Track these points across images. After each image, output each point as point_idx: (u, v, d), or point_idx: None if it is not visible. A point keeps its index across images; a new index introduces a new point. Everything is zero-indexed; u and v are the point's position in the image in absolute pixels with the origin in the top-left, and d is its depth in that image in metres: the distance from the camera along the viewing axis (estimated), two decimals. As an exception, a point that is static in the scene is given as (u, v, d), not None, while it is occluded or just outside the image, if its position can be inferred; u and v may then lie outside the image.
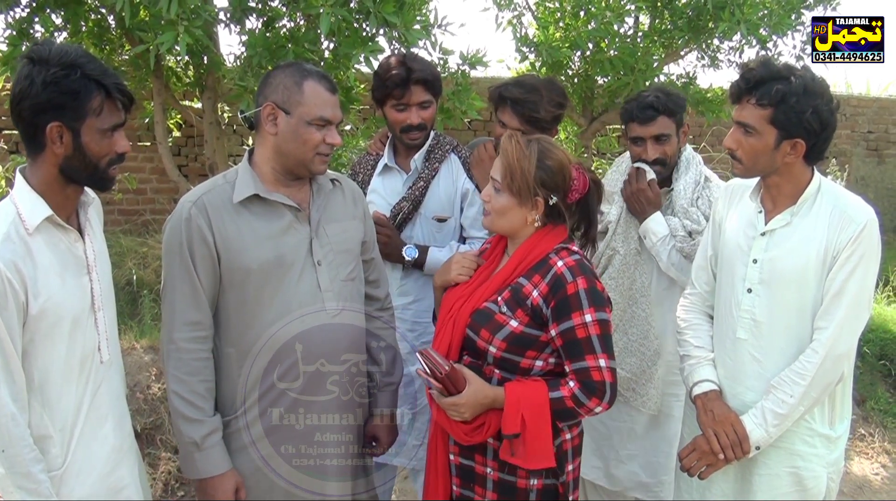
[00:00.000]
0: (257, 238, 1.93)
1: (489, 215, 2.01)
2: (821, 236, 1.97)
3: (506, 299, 1.94)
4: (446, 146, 2.63)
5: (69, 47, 1.65)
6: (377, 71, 2.55)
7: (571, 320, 1.87)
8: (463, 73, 3.72)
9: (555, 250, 1.96)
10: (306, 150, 1.93)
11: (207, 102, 4.03)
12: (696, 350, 2.21)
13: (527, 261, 1.96)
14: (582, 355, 1.87)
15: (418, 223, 2.59)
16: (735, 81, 2.03)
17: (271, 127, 1.93)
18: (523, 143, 1.94)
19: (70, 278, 1.71)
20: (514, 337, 1.91)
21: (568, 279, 1.88)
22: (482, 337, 1.94)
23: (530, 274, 1.95)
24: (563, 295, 1.88)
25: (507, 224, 1.99)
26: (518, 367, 1.94)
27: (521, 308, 1.92)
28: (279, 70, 1.96)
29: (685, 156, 2.62)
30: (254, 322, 1.93)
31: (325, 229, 2.03)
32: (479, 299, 1.99)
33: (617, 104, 4.70)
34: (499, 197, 1.96)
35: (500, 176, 1.95)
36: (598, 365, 1.87)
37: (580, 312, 1.86)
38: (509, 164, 1.92)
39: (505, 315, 1.92)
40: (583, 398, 1.87)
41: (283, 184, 1.99)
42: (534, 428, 1.86)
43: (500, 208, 1.96)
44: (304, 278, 1.97)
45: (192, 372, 1.90)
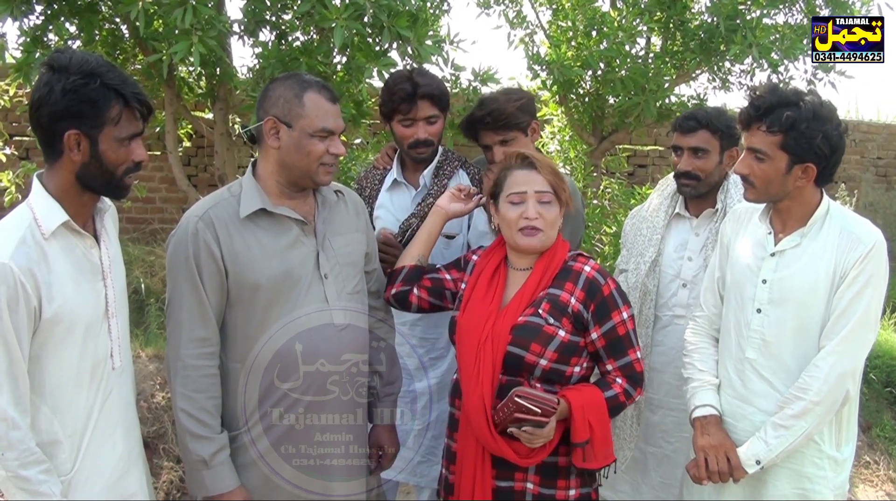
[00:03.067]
0: (266, 253, 1.92)
1: (539, 234, 2.00)
2: (829, 257, 1.99)
3: (548, 311, 1.96)
4: (455, 162, 2.63)
5: (89, 56, 1.65)
6: (385, 86, 2.55)
7: (612, 319, 1.98)
8: (475, 89, 3.74)
9: (571, 257, 2.05)
10: (310, 161, 1.93)
11: (219, 113, 4.05)
12: (701, 374, 2.22)
13: (550, 271, 2.02)
14: (625, 350, 2.00)
15: None
16: (744, 107, 2.04)
17: (274, 141, 1.93)
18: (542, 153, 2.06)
19: (85, 283, 1.71)
20: (564, 347, 1.95)
21: (601, 282, 1.99)
22: (532, 351, 1.94)
23: (559, 283, 2.00)
24: (602, 297, 1.97)
25: (555, 235, 2.05)
26: (563, 376, 1.98)
27: (566, 317, 1.96)
28: (278, 83, 1.96)
29: (732, 180, 2.56)
30: (261, 337, 1.92)
31: (330, 242, 2.03)
32: (513, 314, 1.99)
33: (627, 124, 4.71)
34: (551, 209, 2.01)
35: (549, 187, 2.00)
36: (637, 357, 2.03)
37: (618, 310, 1.98)
38: (557, 173, 2.02)
39: (553, 326, 1.95)
40: (631, 390, 2.01)
41: (287, 197, 1.99)
42: (600, 430, 1.94)
43: (554, 218, 2.02)
44: (311, 292, 1.97)
45: (200, 389, 1.88)
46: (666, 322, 2.62)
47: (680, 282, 2.60)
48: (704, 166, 2.52)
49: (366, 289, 2.17)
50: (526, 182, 2.00)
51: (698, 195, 2.57)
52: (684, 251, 2.60)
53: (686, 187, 2.56)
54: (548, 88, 4.61)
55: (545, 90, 4.67)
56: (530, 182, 2.00)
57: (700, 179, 2.53)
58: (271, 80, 2.06)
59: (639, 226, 2.75)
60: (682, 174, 2.55)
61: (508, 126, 2.51)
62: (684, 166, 2.54)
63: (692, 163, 2.53)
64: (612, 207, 4.91)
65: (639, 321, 2.60)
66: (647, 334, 2.62)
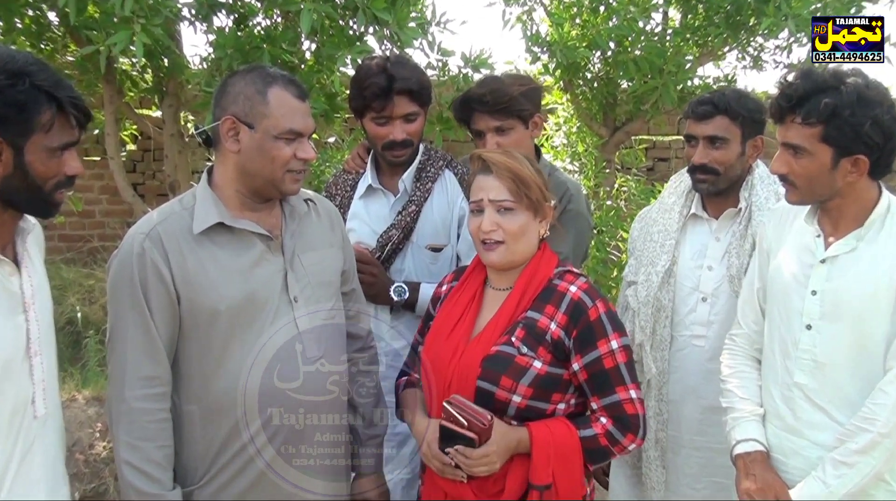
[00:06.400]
0: (224, 274, 1.90)
1: (500, 247, 2.00)
2: (892, 262, 1.97)
3: (522, 338, 1.95)
4: (439, 162, 2.63)
5: (17, 53, 1.64)
6: (355, 78, 2.55)
7: (597, 349, 1.93)
8: (465, 76, 3.74)
9: (557, 274, 2.03)
10: (275, 168, 1.92)
11: (168, 110, 4.04)
12: (742, 403, 2.20)
13: (530, 291, 2.00)
14: (612, 387, 1.94)
15: (410, 254, 2.58)
16: (774, 98, 2.04)
17: (233, 144, 1.92)
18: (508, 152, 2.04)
19: (1, 317, 1.68)
20: (540, 380, 1.93)
21: (588, 305, 1.95)
22: (503, 386, 1.92)
23: (539, 306, 1.99)
24: (586, 323, 1.94)
25: (526, 248, 2.02)
26: (543, 415, 1.96)
27: (542, 346, 1.94)
28: (238, 77, 1.95)
29: (758, 173, 2.55)
30: (220, 373, 1.90)
31: (300, 260, 2.02)
32: (485, 343, 1.98)
33: (643, 112, 4.72)
34: (514, 218, 1.98)
35: (508, 194, 1.98)
36: (630, 397, 1.95)
37: (605, 339, 1.94)
38: (518, 175, 1.98)
39: (527, 356, 1.93)
40: (617, 435, 1.94)
41: (249, 208, 1.98)
42: (566, 476, 1.90)
43: (517, 229, 1.98)
44: (279, 319, 1.95)
45: (148, 437, 1.86)
46: (683, 344, 2.59)
47: (699, 296, 2.57)
48: (723, 158, 2.49)
49: (342, 314, 2.16)
50: (481, 189, 2.01)
51: (717, 193, 2.55)
52: (703, 259, 2.58)
53: (702, 184, 2.53)
54: (550, 73, 4.63)
55: (547, 75, 4.68)
56: (485, 189, 2.00)
57: (718, 174, 2.50)
58: (230, 73, 2.07)
59: (649, 230, 2.73)
60: (698, 168, 2.52)
61: (509, 111, 2.52)
62: (700, 159, 2.51)
63: (709, 154, 2.50)
64: (629, 208, 4.92)
65: (652, 342, 2.59)
66: (663, 358, 2.59)
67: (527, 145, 2.64)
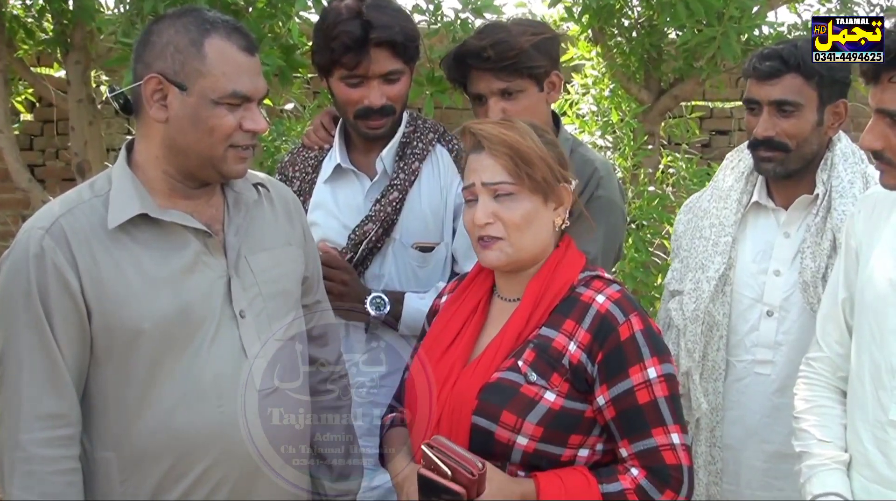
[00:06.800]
0: (149, 282, 1.91)
1: (499, 244, 2.00)
2: None
3: (531, 363, 1.96)
4: (429, 135, 2.65)
5: None
6: (319, 25, 2.56)
7: (629, 378, 1.92)
8: (464, 23, 3.75)
9: (583, 280, 2.03)
10: (214, 142, 1.92)
11: (74, 68, 4.04)
12: (821, 447, 2.20)
13: (546, 301, 2.01)
14: (647, 428, 1.92)
15: (391, 255, 2.60)
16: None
17: (159, 111, 1.92)
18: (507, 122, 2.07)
19: None
20: (554, 417, 1.92)
21: (619, 320, 1.95)
22: (505, 424, 1.92)
23: (556, 321, 1.99)
24: (615, 343, 1.93)
25: (534, 244, 2.02)
26: (558, 463, 1.95)
27: (558, 372, 1.94)
28: (166, 24, 1.95)
29: (840, 149, 2.56)
30: (144, 410, 1.91)
31: (248, 263, 2.04)
32: (485, 368, 1.99)
33: (696, 70, 4.73)
34: (515, 205, 1.99)
35: (505, 174, 1.99)
36: (670, 442, 1.92)
37: (640, 365, 1.93)
38: (516, 149, 1.99)
39: (536, 386, 1.93)
40: (652, 491, 1.91)
41: (181, 195, 1.99)
42: None
43: (520, 219, 1.99)
44: (220, 340, 1.96)
45: (51, 493, 1.85)
46: (742, 372, 2.61)
47: (763, 309, 2.59)
48: (794, 130, 2.50)
49: (304, 333, 2.17)
50: (473, 171, 2.03)
51: (787, 175, 2.56)
52: (768, 262, 2.60)
53: (767, 163, 2.54)
54: (576, 20, 4.63)
55: (572, 22, 4.69)
56: (478, 170, 2.02)
57: (788, 150, 2.51)
58: (154, 19, 2.06)
59: (698, 224, 2.74)
60: (762, 143, 2.53)
61: (517, 69, 2.54)
62: (764, 131, 2.52)
63: (776, 125, 2.51)
64: (679, 196, 4.91)
65: (702, 370, 2.60)
66: (717, 390, 2.60)
67: (541, 113, 2.65)
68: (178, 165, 1.96)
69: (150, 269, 1.92)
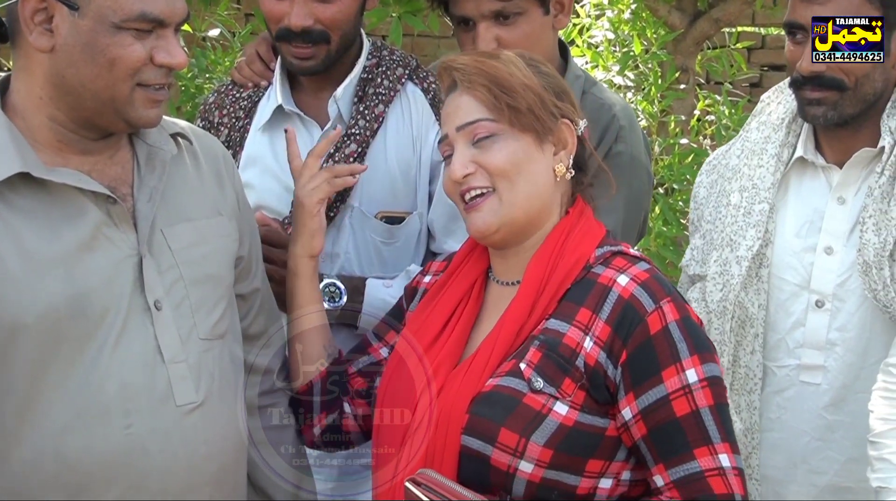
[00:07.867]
0: (31, 263, 1.91)
1: (488, 200, 2.01)
2: None
3: (536, 365, 1.96)
4: (397, 70, 2.66)
5: None
6: None
7: (662, 383, 1.92)
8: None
9: (599, 257, 2.04)
10: (116, 79, 1.93)
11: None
12: None
13: (553, 284, 2.02)
14: (688, 449, 1.91)
15: (348, 228, 2.64)
16: None
17: (42, 37, 1.91)
18: (491, 53, 2.14)
19: None
20: (567, 436, 1.92)
21: (647, 308, 1.95)
22: (502, 445, 1.93)
23: (568, 310, 2.00)
24: (644, 338, 1.94)
25: (531, 193, 2.04)
26: (572, 497, 1.95)
27: (569, 376, 1.94)
28: None
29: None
30: (25, 430, 1.91)
31: (165, 238, 2.05)
32: (477, 372, 2.00)
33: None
34: (498, 146, 2.02)
35: (483, 110, 2.01)
36: (719, 466, 1.91)
37: (676, 366, 1.93)
38: (494, 77, 2.02)
39: (543, 395, 1.93)
40: None
41: (75, 149, 2.00)
42: None
43: (507, 162, 2.01)
44: (128, 340, 1.97)
45: None
46: (785, 382, 2.62)
47: (811, 298, 2.59)
48: (851, 65, 2.49)
49: (238, 330, 2.16)
50: (447, 117, 2.07)
51: (842, 122, 2.54)
52: (817, 236, 2.60)
53: (816, 106, 2.53)
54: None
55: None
56: (451, 114, 2.06)
57: (844, 89, 2.51)
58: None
59: (725, 188, 2.74)
60: (809, 80, 2.52)
61: None
62: (810, 65, 2.51)
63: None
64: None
65: (732, 379, 2.61)
66: (751, 405, 2.62)
67: (546, 42, 2.66)
68: (68, 109, 1.96)
69: (33, 246, 1.91)
